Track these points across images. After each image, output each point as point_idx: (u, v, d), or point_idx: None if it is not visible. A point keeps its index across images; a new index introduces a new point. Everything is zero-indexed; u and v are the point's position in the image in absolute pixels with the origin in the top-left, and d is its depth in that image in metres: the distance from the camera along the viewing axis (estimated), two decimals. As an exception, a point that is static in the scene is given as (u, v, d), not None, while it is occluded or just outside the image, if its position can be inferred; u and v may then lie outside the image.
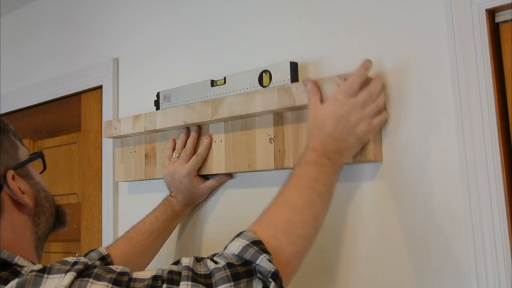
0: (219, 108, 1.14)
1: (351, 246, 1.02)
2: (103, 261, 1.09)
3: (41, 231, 0.84)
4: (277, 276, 0.70)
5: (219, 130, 1.20)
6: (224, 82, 1.19)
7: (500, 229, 0.84)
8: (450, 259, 0.89)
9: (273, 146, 1.08)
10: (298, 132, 1.05)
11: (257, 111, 1.07)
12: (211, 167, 1.21)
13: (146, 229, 1.20)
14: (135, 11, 1.56)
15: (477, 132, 0.87)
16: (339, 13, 1.08)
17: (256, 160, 1.11)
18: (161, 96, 1.34)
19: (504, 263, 0.83)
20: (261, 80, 1.11)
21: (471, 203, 0.87)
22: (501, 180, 0.84)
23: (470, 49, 0.89)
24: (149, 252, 1.21)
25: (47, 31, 1.91)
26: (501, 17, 0.90)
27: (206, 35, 1.34)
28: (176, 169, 1.22)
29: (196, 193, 1.24)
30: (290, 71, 1.07)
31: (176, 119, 1.24)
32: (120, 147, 1.45)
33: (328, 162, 0.88)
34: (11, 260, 0.73)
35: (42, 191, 0.85)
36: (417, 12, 0.97)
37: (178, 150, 1.25)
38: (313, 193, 0.84)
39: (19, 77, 2.01)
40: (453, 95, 0.90)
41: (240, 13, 1.27)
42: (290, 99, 1.02)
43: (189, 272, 0.69)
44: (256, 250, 0.72)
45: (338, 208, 1.02)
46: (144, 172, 1.37)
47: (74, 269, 0.68)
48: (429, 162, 0.93)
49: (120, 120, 1.39)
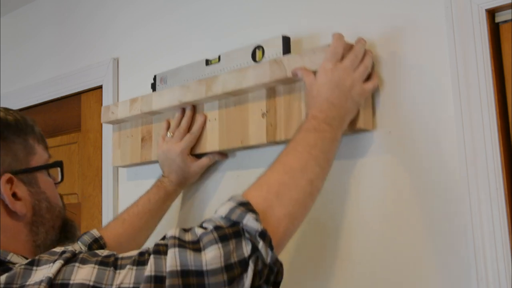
0: (213, 86, 1.15)
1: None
2: (96, 243, 1.09)
3: (40, 240, 0.82)
4: (265, 235, 0.70)
5: (213, 108, 1.20)
6: (218, 61, 1.20)
7: (500, 229, 0.84)
8: (450, 259, 0.89)
9: (265, 121, 1.09)
10: (290, 104, 1.05)
11: (249, 85, 1.08)
12: (205, 146, 1.21)
13: (139, 211, 1.19)
14: (135, 11, 1.56)
15: (477, 132, 0.87)
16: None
17: (249, 136, 1.12)
18: (157, 79, 1.34)
19: (504, 263, 0.83)
20: (254, 56, 1.12)
21: (471, 203, 0.87)
22: (501, 180, 0.84)
23: (470, 49, 0.89)
24: (142, 234, 1.21)
25: (47, 31, 1.91)
26: (501, 17, 0.90)
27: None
28: (169, 148, 1.22)
29: (189, 172, 1.23)
30: (283, 46, 1.08)
31: (172, 99, 1.24)
32: (117, 131, 1.45)
33: (329, 128, 0.88)
34: (3, 258, 0.73)
35: (44, 201, 0.82)
36: (417, 12, 0.97)
37: (173, 129, 1.25)
38: (310, 158, 0.84)
39: (19, 77, 2.01)
40: (453, 95, 0.90)
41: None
42: (282, 71, 1.02)
43: (175, 240, 0.68)
44: (242, 211, 0.72)
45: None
46: (140, 155, 1.36)
47: (62, 257, 0.68)
48: (429, 164, 0.93)
49: (117, 104, 1.40)
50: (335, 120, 0.89)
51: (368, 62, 0.96)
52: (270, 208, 0.76)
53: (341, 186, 1.04)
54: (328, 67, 0.92)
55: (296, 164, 0.83)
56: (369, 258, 0.99)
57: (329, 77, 0.92)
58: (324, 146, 0.86)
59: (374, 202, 1.00)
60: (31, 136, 0.83)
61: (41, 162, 0.84)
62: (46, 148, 0.87)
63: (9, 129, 0.80)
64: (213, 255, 0.67)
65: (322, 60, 0.95)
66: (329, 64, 0.93)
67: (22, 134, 0.81)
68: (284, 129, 1.05)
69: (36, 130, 0.85)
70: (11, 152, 0.79)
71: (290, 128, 1.04)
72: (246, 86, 1.09)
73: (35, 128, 0.85)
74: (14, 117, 0.82)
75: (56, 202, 0.85)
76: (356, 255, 1.01)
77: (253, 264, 0.68)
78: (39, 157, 0.84)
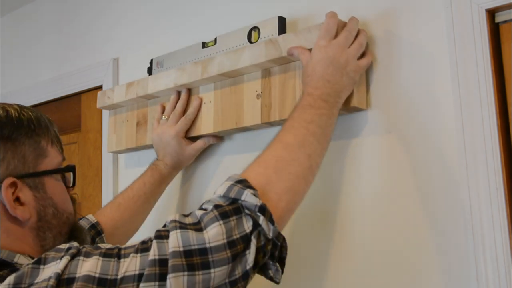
0: (208, 67, 1.15)
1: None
2: (93, 229, 1.09)
3: (49, 245, 0.78)
4: (265, 209, 0.70)
5: (208, 90, 1.20)
6: (214, 43, 1.20)
7: (500, 229, 0.84)
8: (450, 259, 0.89)
9: (260, 102, 1.09)
10: (285, 84, 1.05)
11: (245, 65, 1.08)
12: (200, 128, 1.21)
13: (134, 195, 1.19)
14: (136, 11, 1.56)
15: (477, 132, 0.87)
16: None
17: (243, 117, 1.12)
18: (154, 63, 1.34)
19: (504, 263, 0.83)
20: (250, 37, 1.13)
21: (471, 203, 0.87)
22: (501, 180, 0.84)
23: (470, 49, 0.89)
24: (137, 218, 1.20)
25: (47, 31, 1.91)
26: (501, 17, 0.90)
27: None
28: (164, 131, 1.22)
29: (183, 155, 1.23)
30: (278, 26, 1.08)
31: (167, 82, 1.24)
32: (113, 115, 1.44)
33: (325, 104, 0.88)
34: (10, 260, 0.72)
35: (51, 207, 0.79)
36: (417, 12, 0.97)
37: (168, 112, 1.25)
38: (307, 133, 0.84)
39: (19, 77, 2.01)
40: (453, 95, 0.90)
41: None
42: (277, 51, 1.02)
43: (176, 223, 0.69)
44: (240, 187, 0.72)
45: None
46: (136, 140, 1.36)
47: (68, 253, 0.68)
48: (430, 162, 0.93)
49: (114, 89, 1.39)
50: (331, 96, 0.90)
51: (362, 39, 0.96)
52: (269, 183, 0.76)
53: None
54: (322, 44, 0.93)
55: (293, 140, 0.83)
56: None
57: (323, 54, 0.92)
58: (321, 121, 0.87)
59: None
60: (44, 138, 0.79)
61: (53, 166, 0.80)
62: (61, 149, 0.84)
63: (20, 130, 0.76)
64: (215, 232, 0.67)
65: (316, 39, 0.95)
66: (323, 41, 0.93)
67: (34, 135, 0.78)
68: (278, 109, 1.06)
69: (51, 131, 0.81)
70: (19, 155, 0.76)
71: (284, 109, 1.04)
72: (242, 67, 1.09)
73: (50, 129, 0.81)
74: (27, 117, 0.78)
75: (64, 208, 0.82)
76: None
77: (255, 240, 0.69)
78: (50, 160, 0.80)
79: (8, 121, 0.76)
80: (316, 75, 0.91)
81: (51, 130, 0.81)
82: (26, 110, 0.80)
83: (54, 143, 0.81)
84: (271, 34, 1.09)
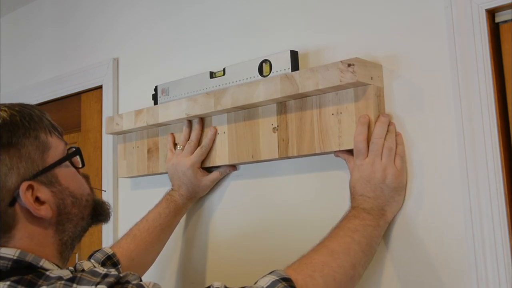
0: (221, 99, 1.14)
1: None
2: (109, 260, 1.08)
3: (67, 236, 0.79)
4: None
5: (222, 121, 1.19)
6: (223, 74, 1.19)
7: (500, 229, 0.84)
8: (450, 259, 0.89)
9: (277, 135, 1.08)
10: (302, 120, 1.05)
11: (260, 100, 1.07)
12: (215, 159, 1.20)
13: (149, 226, 1.18)
14: (136, 11, 1.56)
15: (477, 132, 0.87)
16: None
17: (260, 150, 1.11)
18: (159, 90, 1.33)
19: (504, 263, 0.83)
20: (261, 70, 1.11)
21: (471, 203, 0.87)
22: (501, 180, 0.84)
23: (470, 49, 0.89)
24: (153, 249, 1.19)
25: (47, 31, 1.91)
26: (501, 17, 0.90)
27: (206, 32, 1.34)
28: (179, 161, 1.21)
29: (199, 186, 1.22)
30: (291, 60, 1.07)
31: (179, 111, 1.23)
32: (122, 143, 1.44)
33: (368, 216, 0.90)
34: (36, 263, 0.72)
35: (69, 197, 0.79)
36: (417, 12, 0.97)
37: (182, 142, 1.24)
38: (352, 242, 0.86)
39: (19, 77, 2.01)
40: (453, 95, 0.90)
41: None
42: (294, 87, 1.01)
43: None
44: (284, 285, 0.73)
45: None
46: (147, 167, 1.36)
47: (104, 282, 0.67)
48: (428, 163, 0.93)
49: (122, 116, 1.39)
50: (374, 210, 0.92)
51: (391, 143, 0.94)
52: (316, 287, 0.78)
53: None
54: (357, 163, 0.95)
55: (339, 247, 0.85)
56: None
57: (360, 173, 0.94)
58: (365, 232, 0.88)
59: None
60: (41, 130, 0.78)
61: (58, 154, 0.79)
62: (60, 135, 0.82)
63: (17, 132, 0.74)
64: None
65: (335, 77, 0.94)
66: (358, 160, 0.95)
67: (31, 132, 0.76)
68: (296, 144, 1.05)
69: (44, 121, 0.79)
70: (24, 157, 0.74)
71: (302, 144, 1.03)
72: (257, 101, 1.08)
73: (43, 119, 0.79)
74: (19, 116, 0.76)
75: (81, 193, 0.82)
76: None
77: None
78: (55, 150, 0.79)
79: (2, 126, 0.74)
80: (356, 193, 0.94)
81: (44, 120, 0.80)
82: (16, 109, 0.77)
83: (51, 132, 0.80)
84: (283, 68, 1.07)
